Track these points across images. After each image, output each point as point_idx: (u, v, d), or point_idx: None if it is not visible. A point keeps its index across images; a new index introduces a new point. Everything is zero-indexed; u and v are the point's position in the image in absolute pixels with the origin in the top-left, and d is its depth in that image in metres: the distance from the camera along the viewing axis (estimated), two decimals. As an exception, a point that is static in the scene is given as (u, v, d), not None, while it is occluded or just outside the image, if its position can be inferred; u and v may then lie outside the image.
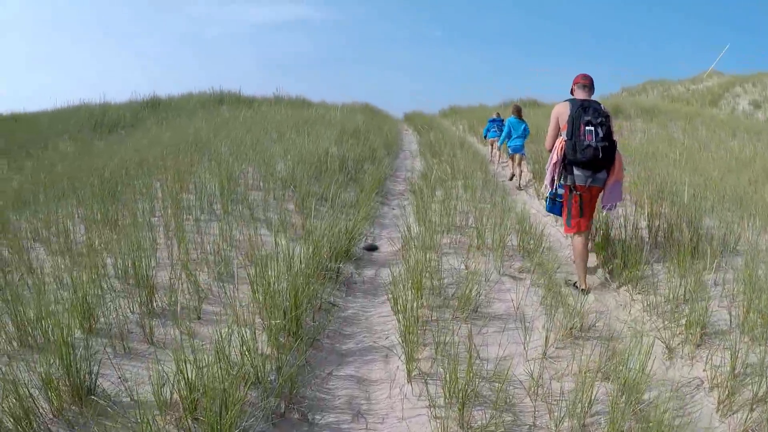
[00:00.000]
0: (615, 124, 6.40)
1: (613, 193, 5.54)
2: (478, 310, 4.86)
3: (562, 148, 5.39)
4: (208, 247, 5.73)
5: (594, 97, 5.58)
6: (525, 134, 11.60)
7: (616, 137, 5.45)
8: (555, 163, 5.46)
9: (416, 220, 7.62)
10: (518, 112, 11.89)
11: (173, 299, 4.61)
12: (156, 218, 6.79)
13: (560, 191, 5.73)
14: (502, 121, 13.71)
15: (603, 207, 5.68)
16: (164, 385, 3.26)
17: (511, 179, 11.43)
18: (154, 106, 20.15)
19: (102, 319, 4.24)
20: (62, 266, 5.30)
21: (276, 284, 4.45)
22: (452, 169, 11.11)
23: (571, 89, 5.69)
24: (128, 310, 4.44)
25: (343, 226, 6.15)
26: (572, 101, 5.42)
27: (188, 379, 3.22)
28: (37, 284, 4.69)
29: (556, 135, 5.56)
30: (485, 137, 14.85)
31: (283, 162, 9.55)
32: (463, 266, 5.81)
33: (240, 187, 7.98)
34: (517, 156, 11.43)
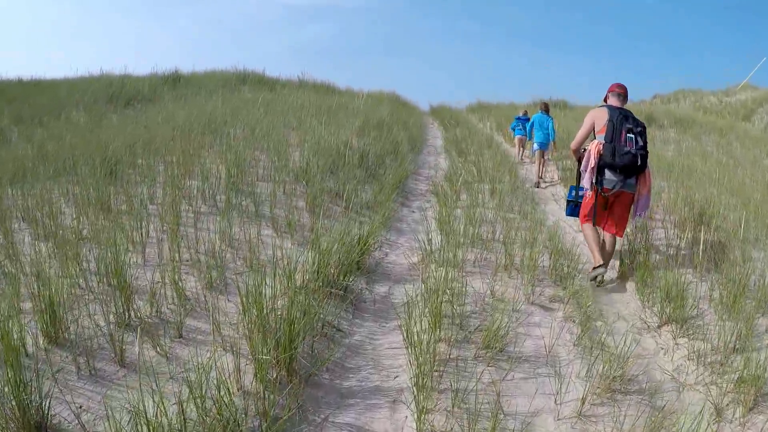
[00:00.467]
0: (648, 133, 6.16)
1: (645, 201, 5.74)
2: (505, 348, 4.19)
3: (599, 151, 5.46)
4: (203, 247, 5.12)
5: (627, 104, 5.87)
6: (551, 130, 11.70)
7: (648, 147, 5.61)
8: (593, 168, 5.52)
9: (438, 227, 6.95)
10: (546, 108, 12.12)
11: (154, 310, 4.00)
12: (153, 206, 6.19)
13: (581, 193, 5.98)
14: (529, 119, 13.61)
15: (636, 214, 5.83)
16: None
17: (537, 186, 10.99)
18: (174, 81, 19.56)
19: (72, 327, 3.64)
20: (45, 254, 4.72)
21: (271, 303, 3.82)
22: (478, 170, 10.43)
23: (605, 96, 5.91)
24: (101, 319, 3.82)
25: (357, 234, 5.46)
26: (610, 108, 5.59)
27: (150, 424, 2.61)
28: (11, 276, 4.13)
29: (586, 138, 5.77)
30: (511, 133, 14.65)
31: (299, 152, 8.92)
32: (488, 291, 5.12)
33: (248, 177, 7.36)
34: (543, 152, 11.53)
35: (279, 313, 3.70)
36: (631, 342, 4.73)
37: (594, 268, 5.54)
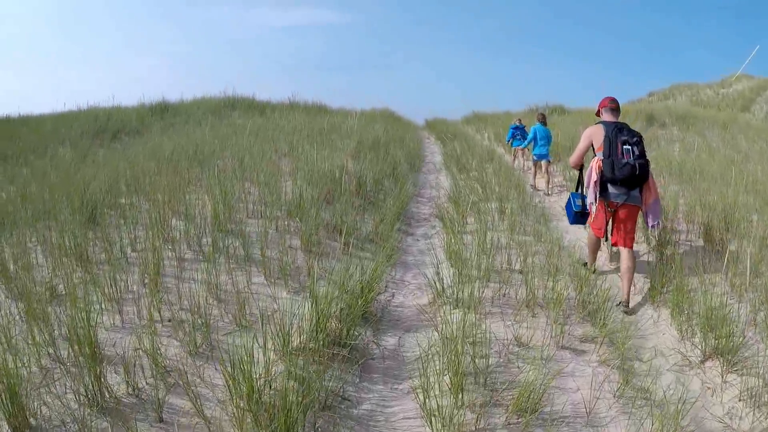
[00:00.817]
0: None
1: (655, 211, 5.72)
2: (539, 410, 3.59)
3: (599, 167, 5.60)
4: (187, 302, 4.55)
5: (622, 103, 6.01)
6: (549, 141, 11.87)
7: (648, 156, 5.72)
8: (595, 182, 5.63)
9: (447, 257, 6.39)
10: (543, 119, 12.21)
11: (131, 388, 3.43)
12: (135, 253, 5.63)
13: (587, 201, 5.96)
14: (525, 127, 14.12)
15: (649, 227, 5.87)
16: None
17: (534, 189, 11.40)
18: (162, 111, 19.03)
19: (40, 411, 3.10)
20: (17, 316, 4.18)
21: (264, 374, 3.24)
22: (483, 187, 9.88)
23: (598, 112, 6.12)
24: (72, 399, 3.26)
25: (359, 278, 4.87)
26: (605, 123, 5.78)
27: None
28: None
29: (584, 153, 6.01)
30: (509, 143, 14.59)
31: (291, 181, 8.38)
32: (512, 337, 4.53)
33: (237, 214, 6.80)
34: (543, 163, 11.69)
35: (273, 386, 3.13)
36: (676, 384, 4.18)
37: (587, 267, 6.16)
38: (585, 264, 6.33)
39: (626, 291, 5.55)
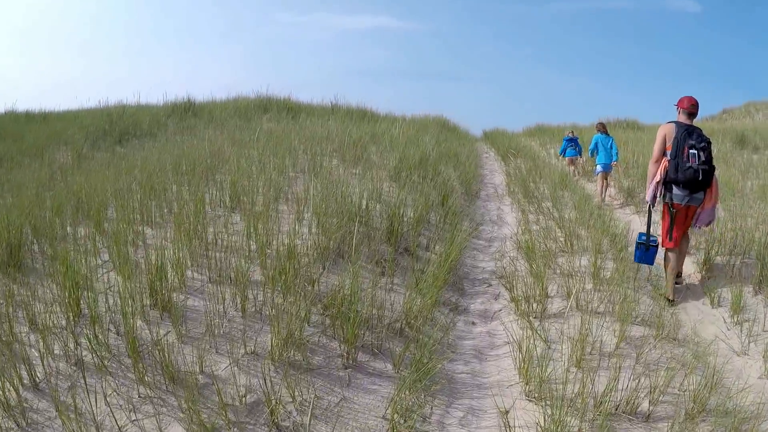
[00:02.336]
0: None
1: (709, 214, 5.78)
2: None
3: (665, 167, 5.64)
4: None
5: (695, 121, 5.91)
6: (614, 151, 11.23)
7: (715, 163, 5.69)
8: (658, 182, 5.70)
9: (521, 375, 3.79)
10: (604, 128, 11.66)
11: None
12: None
13: (653, 239, 5.91)
14: (578, 139, 14.22)
15: (695, 225, 5.83)
16: None
17: (601, 201, 10.63)
18: (184, 111, 16.76)
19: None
20: None
21: None
22: (562, 228, 7.24)
23: (677, 111, 5.93)
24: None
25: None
26: (678, 124, 5.75)
27: None
28: None
29: (662, 152, 5.76)
30: (562, 156, 14.41)
31: (296, 216, 5.91)
32: None
33: (199, 272, 4.34)
34: (605, 174, 11.13)
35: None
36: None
37: (667, 299, 5.60)
38: (666, 299, 5.65)
39: (671, 285, 5.69)
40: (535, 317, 4.81)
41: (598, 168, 11.04)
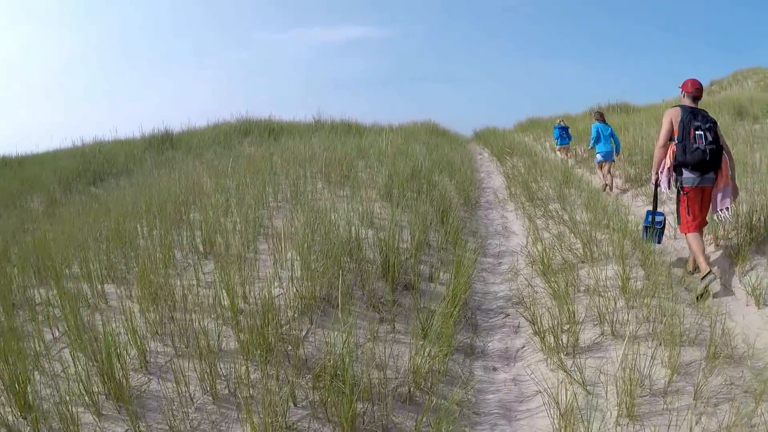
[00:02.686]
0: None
1: (725, 195, 5.64)
2: None
3: (673, 152, 5.63)
4: None
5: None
6: (615, 139, 11.16)
7: (722, 142, 5.65)
8: (669, 168, 5.71)
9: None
10: (602, 116, 11.59)
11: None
12: None
13: (658, 219, 6.06)
14: (568, 128, 14.91)
15: (716, 210, 5.72)
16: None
17: (604, 190, 10.66)
18: (161, 143, 16.01)
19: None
20: None
21: None
22: (578, 235, 6.50)
23: (682, 95, 5.95)
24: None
25: None
26: (682, 107, 5.72)
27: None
28: None
29: (669, 135, 5.74)
30: (557, 143, 15.01)
31: (274, 258, 5.18)
32: None
33: (160, 342, 3.59)
34: (607, 163, 11.02)
35: None
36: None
37: (703, 277, 5.27)
38: (705, 285, 5.24)
39: (704, 261, 5.39)
40: (566, 354, 4.06)
41: (599, 157, 10.97)
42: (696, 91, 5.83)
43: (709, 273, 5.25)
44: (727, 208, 5.68)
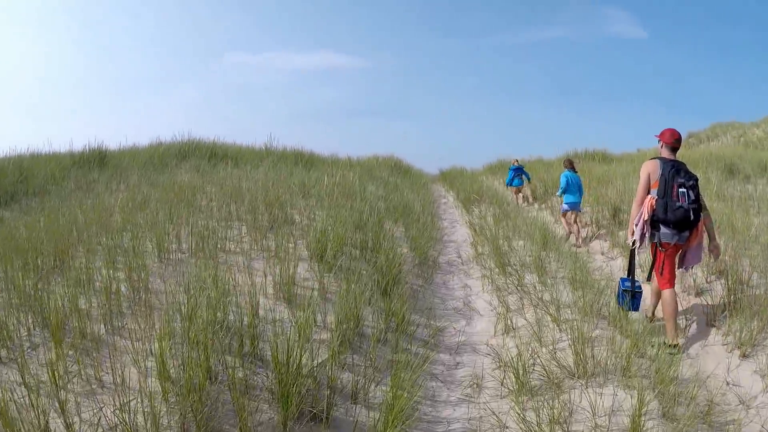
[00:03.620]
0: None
1: (696, 254, 5.54)
2: None
3: (651, 206, 5.39)
4: None
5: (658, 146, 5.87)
6: (581, 189, 10.67)
7: (701, 200, 5.49)
8: (645, 221, 5.41)
9: None
10: (572, 165, 11.10)
11: None
12: None
13: (637, 283, 5.54)
14: (523, 168, 14.92)
15: (682, 267, 5.61)
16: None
17: (568, 239, 10.17)
18: (89, 161, 14.08)
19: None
20: None
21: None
22: (568, 335, 4.88)
23: (660, 145, 5.72)
24: None
25: None
26: (662, 161, 5.50)
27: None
28: None
29: (647, 190, 5.52)
30: (508, 185, 15.08)
31: (124, 411, 3.45)
32: None
33: None
34: (574, 213, 10.44)
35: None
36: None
37: (670, 345, 5.10)
38: (669, 346, 5.08)
39: (674, 329, 5.22)
40: None
41: (565, 207, 10.40)
42: (675, 142, 5.64)
43: (676, 346, 5.10)
44: (692, 266, 5.65)
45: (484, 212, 11.78)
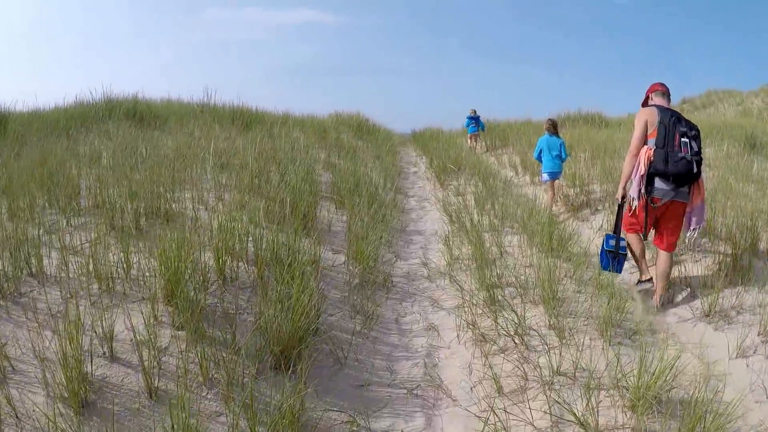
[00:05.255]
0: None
1: (700, 212, 5.05)
2: None
3: (649, 157, 4.81)
4: None
5: None
6: (563, 155, 8.87)
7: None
8: (642, 176, 4.85)
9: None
10: (554, 126, 9.10)
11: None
12: None
13: (622, 243, 5.04)
14: (479, 118, 16.25)
15: (690, 228, 5.05)
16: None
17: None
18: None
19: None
20: None
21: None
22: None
23: (646, 98, 5.33)
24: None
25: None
26: (660, 108, 5.02)
27: None
28: None
29: (643, 141, 4.96)
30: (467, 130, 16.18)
31: None
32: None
33: None
34: (554, 183, 8.84)
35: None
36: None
37: (639, 281, 5.09)
38: (642, 289, 5.04)
39: (661, 287, 4.87)
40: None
41: (545, 176, 8.98)
42: (662, 86, 5.21)
43: (648, 280, 5.01)
44: (700, 227, 5.04)
45: (463, 187, 9.23)
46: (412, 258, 6.02)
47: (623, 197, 5.03)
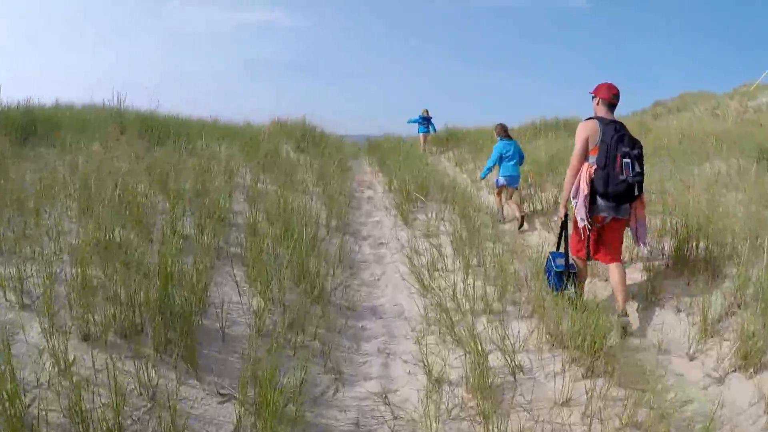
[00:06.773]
0: None
1: (643, 227, 4.83)
2: None
3: (590, 176, 4.59)
4: None
5: (624, 114, 5.49)
6: (521, 160, 8.83)
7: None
8: (586, 196, 4.60)
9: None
10: (505, 131, 8.96)
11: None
12: None
13: (572, 266, 4.74)
14: (431, 119, 16.27)
15: (639, 243, 4.88)
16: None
17: (500, 221, 8.46)
18: None
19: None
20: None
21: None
22: None
23: (595, 102, 4.83)
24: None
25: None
26: (602, 122, 4.68)
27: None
28: None
29: (584, 157, 4.71)
30: (418, 131, 16.31)
31: None
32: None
33: None
34: (510, 189, 8.67)
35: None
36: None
37: (622, 316, 4.56)
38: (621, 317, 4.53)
39: (623, 300, 4.53)
40: None
41: (501, 180, 8.62)
42: (613, 97, 4.79)
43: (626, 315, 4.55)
44: (646, 241, 4.91)
45: (434, 223, 6.91)
46: (365, 381, 3.58)
47: (566, 215, 4.80)
